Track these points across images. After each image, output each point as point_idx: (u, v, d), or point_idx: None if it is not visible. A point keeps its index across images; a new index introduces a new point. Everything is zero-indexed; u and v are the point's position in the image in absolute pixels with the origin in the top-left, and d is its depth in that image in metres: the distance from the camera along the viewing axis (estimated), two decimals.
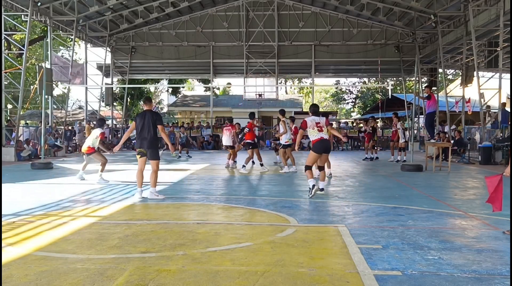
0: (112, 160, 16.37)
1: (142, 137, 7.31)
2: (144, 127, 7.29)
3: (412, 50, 24.34)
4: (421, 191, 8.32)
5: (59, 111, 26.30)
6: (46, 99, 15.91)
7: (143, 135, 7.30)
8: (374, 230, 5.09)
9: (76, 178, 9.87)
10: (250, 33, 25.12)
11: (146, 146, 7.29)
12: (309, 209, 6.51)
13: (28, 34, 17.73)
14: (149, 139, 7.30)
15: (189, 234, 4.85)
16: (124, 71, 26.92)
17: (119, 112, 32.23)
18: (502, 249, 4.28)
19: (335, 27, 25.19)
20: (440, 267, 3.73)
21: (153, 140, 7.34)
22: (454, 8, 18.91)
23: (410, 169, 12.00)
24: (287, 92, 45.44)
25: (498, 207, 4.98)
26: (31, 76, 27.89)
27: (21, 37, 26.18)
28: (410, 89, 33.35)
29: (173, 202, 7.06)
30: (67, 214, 6.04)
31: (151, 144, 7.32)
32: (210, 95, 30.15)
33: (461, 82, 21.92)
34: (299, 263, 3.84)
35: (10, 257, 3.98)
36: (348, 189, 8.69)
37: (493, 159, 14.51)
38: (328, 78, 43.18)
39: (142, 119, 7.34)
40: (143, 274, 3.54)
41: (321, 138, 7.39)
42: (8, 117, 20.44)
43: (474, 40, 16.27)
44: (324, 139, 7.41)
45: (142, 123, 7.31)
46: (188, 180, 10.25)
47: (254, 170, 12.44)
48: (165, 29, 25.79)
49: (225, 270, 3.66)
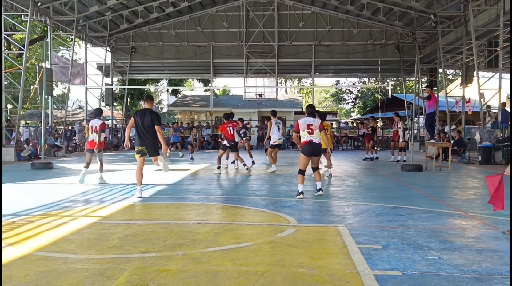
0: (112, 160, 16.39)
1: (141, 135, 7.39)
2: (144, 125, 7.35)
3: (412, 50, 24.34)
4: (421, 191, 8.32)
5: (59, 111, 26.30)
6: (46, 99, 15.91)
7: (143, 134, 7.37)
8: (374, 230, 5.09)
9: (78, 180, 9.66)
10: (250, 33, 25.12)
11: (146, 145, 7.38)
12: (309, 209, 6.51)
13: (28, 34, 17.73)
14: (149, 138, 7.37)
15: (189, 234, 4.85)
16: (124, 71, 26.92)
17: (119, 112, 32.24)
18: (502, 249, 4.28)
19: (335, 27, 25.18)
20: (440, 267, 3.73)
21: (153, 139, 7.42)
22: (454, 8, 18.91)
23: (410, 169, 12.00)
24: (287, 92, 45.42)
25: (500, 206, 4.97)
26: (31, 76, 27.90)
27: (21, 37, 26.18)
28: (410, 89, 33.36)
29: (173, 202, 7.06)
30: (67, 214, 6.03)
31: (152, 143, 7.41)
32: (210, 95, 30.15)
33: (461, 82, 21.92)
34: (299, 263, 3.84)
35: (10, 257, 3.97)
36: (348, 189, 8.69)
37: (493, 159, 14.52)
38: (328, 78, 43.24)
39: (142, 117, 7.39)
40: (143, 274, 3.54)
41: (309, 140, 7.24)
42: (8, 117, 20.43)
43: (474, 40, 16.27)
44: (313, 142, 7.25)
45: (141, 121, 7.36)
46: (188, 180, 10.25)
47: (254, 170, 12.44)
48: (165, 29, 25.79)
49: (225, 270, 3.66)
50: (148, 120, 7.34)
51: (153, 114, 7.49)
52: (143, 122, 7.35)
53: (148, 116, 7.37)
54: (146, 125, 7.34)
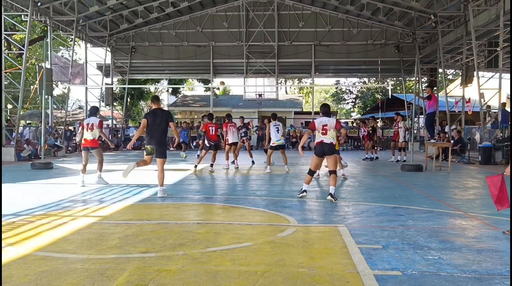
0: (112, 160, 16.38)
1: (151, 134, 7.48)
2: (155, 124, 7.45)
3: (412, 50, 24.34)
4: (421, 191, 8.32)
5: (59, 111, 26.30)
6: (46, 99, 15.91)
7: (153, 133, 7.46)
8: (374, 230, 5.09)
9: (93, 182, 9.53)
10: (250, 33, 25.11)
11: (154, 143, 7.45)
12: (309, 209, 6.51)
13: (28, 34, 17.74)
14: (158, 136, 7.48)
15: (189, 234, 4.85)
16: (124, 71, 26.93)
17: (119, 112, 32.24)
18: (502, 249, 4.28)
19: (335, 27, 25.18)
20: (440, 267, 3.73)
21: (162, 137, 7.54)
22: (454, 8, 18.91)
23: (410, 169, 12.00)
24: (287, 92, 45.47)
25: (506, 204, 4.95)
26: (31, 76, 27.90)
27: (21, 37, 26.18)
28: (410, 89, 33.37)
29: (173, 202, 7.06)
30: (67, 214, 6.03)
31: (160, 142, 7.50)
32: (210, 95, 30.16)
33: (461, 82, 21.92)
34: (299, 263, 3.84)
35: (10, 257, 3.97)
36: (348, 189, 8.69)
37: (493, 159, 14.52)
38: (328, 78, 43.22)
39: (154, 116, 7.49)
40: (143, 274, 3.54)
41: (321, 141, 7.29)
42: (8, 117, 20.43)
43: (474, 40, 16.27)
44: (324, 142, 7.27)
45: (154, 120, 7.46)
46: (188, 180, 10.24)
47: (254, 170, 12.44)
48: (165, 29, 25.79)
49: (225, 270, 3.66)
50: (161, 118, 7.46)
51: (165, 112, 7.72)
52: (155, 121, 7.45)
53: (160, 115, 7.52)
54: (158, 123, 7.43)
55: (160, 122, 7.44)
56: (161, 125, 7.46)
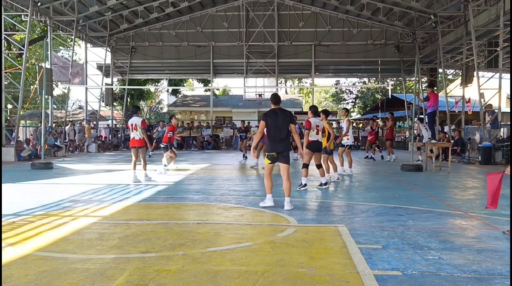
0: (112, 160, 16.38)
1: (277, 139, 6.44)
2: (279, 126, 6.41)
3: (412, 50, 24.35)
4: (421, 191, 8.32)
5: (59, 111, 26.29)
6: (46, 99, 15.90)
7: (279, 136, 6.42)
8: (374, 230, 5.08)
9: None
10: (250, 33, 25.12)
11: (280, 149, 6.47)
12: (309, 209, 6.51)
13: (28, 34, 17.73)
14: (283, 139, 6.45)
15: (189, 234, 4.85)
16: (124, 71, 26.93)
17: (119, 112, 32.24)
18: (502, 249, 4.28)
19: (335, 27, 25.19)
20: (440, 267, 3.73)
21: (287, 141, 6.53)
22: (454, 8, 18.91)
23: (410, 169, 12.00)
24: (287, 92, 45.47)
25: (494, 205, 4.97)
26: (31, 76, 27.88)
27: (21, 37, 26.17)
28: (410, 89, 33.34)
29: (173, 202, 7.06)
30: (67, 214, 6.03)
31: (285, 146, 6.52)
32: (210, 95, 30.16)
33: (461, 82, 21.91)
34: (299, 263, 3.84)
35: (10, 257, 3.97)
36: (348, 189, 8.69)
37: (493, 159, 14.52)
38: (328, 78, 43.23)
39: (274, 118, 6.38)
40: (143, 274, 3.54)
41: (316, 140, 8.47)
42: (8, 117, 20.42)
43: (474, 40, 16.27)
44: (319, 141, 8.52)
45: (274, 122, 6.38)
46: (188, 180, 10.24)
47: (254, 170, 12.44)
48: (165, 29, 25.80)
49: (225, 270, 3.66)
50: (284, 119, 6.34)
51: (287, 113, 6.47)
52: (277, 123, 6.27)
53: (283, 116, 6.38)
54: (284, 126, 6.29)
55: (285, 124, 6.38)
56: (286, 126, 6.39)
